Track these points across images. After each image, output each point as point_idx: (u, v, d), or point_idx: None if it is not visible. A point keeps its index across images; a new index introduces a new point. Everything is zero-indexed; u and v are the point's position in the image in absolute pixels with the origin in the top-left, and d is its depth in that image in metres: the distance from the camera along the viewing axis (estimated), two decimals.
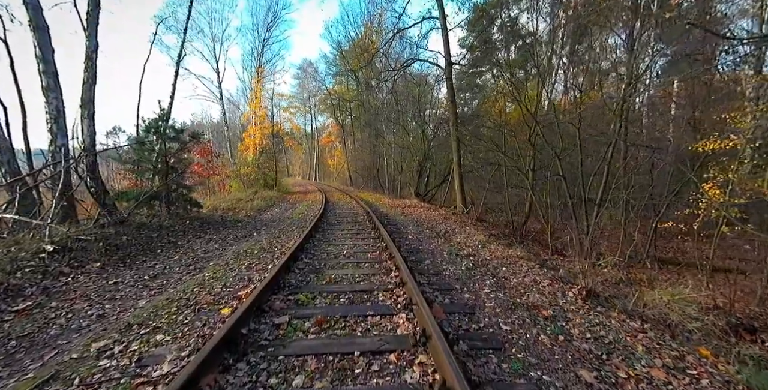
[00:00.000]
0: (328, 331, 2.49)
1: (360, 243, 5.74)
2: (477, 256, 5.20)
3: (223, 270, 4.02)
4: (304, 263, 4.36)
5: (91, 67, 7.64)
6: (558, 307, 3.23)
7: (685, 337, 3.12)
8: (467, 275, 4.04)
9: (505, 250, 5.97)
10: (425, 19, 12.21)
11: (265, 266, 4.19)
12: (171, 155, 7.56)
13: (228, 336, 2.22)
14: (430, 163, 17.73)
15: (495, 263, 4.84)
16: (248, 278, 3.68)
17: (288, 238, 6.24)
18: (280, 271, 3.72)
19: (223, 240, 6.13)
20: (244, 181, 17.79)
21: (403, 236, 6.58)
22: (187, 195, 7.91)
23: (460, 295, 3.30)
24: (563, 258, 7.08)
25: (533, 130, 8.74)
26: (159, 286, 3.50)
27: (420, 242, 6.07)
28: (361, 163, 27.27)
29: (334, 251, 5.10)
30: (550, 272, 4.57)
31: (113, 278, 3.61)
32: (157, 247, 5.12)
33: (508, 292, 3.54)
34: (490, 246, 6.29)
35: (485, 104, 13.13)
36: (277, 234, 6.70)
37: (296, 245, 5.02)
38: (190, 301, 3.00)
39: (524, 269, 4.64)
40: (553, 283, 4.01)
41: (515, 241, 7.72)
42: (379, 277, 3.84)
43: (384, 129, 21.67)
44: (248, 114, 22.30)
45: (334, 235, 6.48)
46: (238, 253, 4.94)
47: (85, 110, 7.59)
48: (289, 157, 56.77)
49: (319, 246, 5.49)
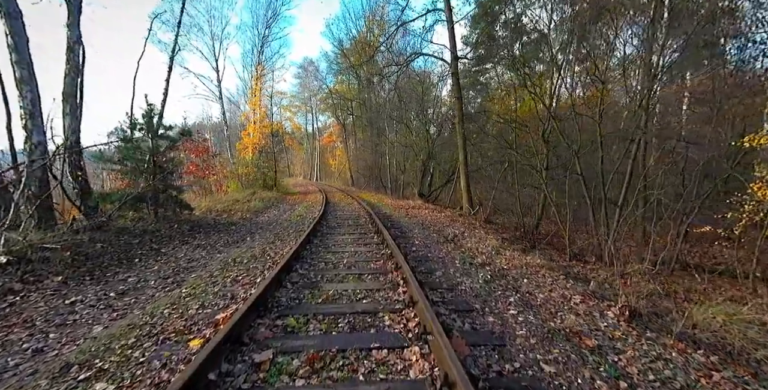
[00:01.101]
0: (321, 373, 1.94)
1: (362, 249, 5.20)
2: (493, 265, 4.65)
3: (204, 284, 3.48)
4: (298, 275, 3.82)
5: (73, 58, 7.15)
6: (601, 333, 2.68)
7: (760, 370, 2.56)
8: (486, 290, 3.49)
9: (522, 257, 5.41)
10: (430, 12, 11.66)
11: (253, 280, 3.65)
12: (159, 154, 7.03)
13: (188, 386, 1.68)
14: (434, 162, 17.17)
15: (514, 274, 4.28)
16: (231, 295, 3.14)
17: (283, 244, 5.70)
18: (269, 286, 3.18)
19: (212, 246, 5.60)
20: (243, 182, 17.27)
21: (409, 241, 6.03)
22: (176, 197, 7.39)
23: (482, 319, 2.75)
24: (583, 265, 6.51)
25: (547, 126, 8.17)
26: (125, 306, 2.96)
27: (428, 248, 5.52)
28: (363, 163, 26.73)
29: (333, 260, 4.56)
30: (579, 284, 4.01)
31: (73, 296, 3.08)
32: (135, 256, 4.59)
33: (538, 312, 2.98)
34: (505, 252, 5.74)
35: (492, 100, 12.57)
36: (272, 239, 6.17)
37: (291, 253, 4.48)
38: (155, 327, 2.46)
39: (548, 281, 4.08)
40: (585, 299, 3.45)
41: (529, 246, 7.15)
42: (384, 293, 3.29)
43: (386, 127, 21.12)
44: (247, 113, 21.79)
45: (333, 241, 5.93)
46: (226, 263, 4.41)
47: (67, 105, 7.09)
48: (290, 157, 56.35)
49: (317, 253, 4.95)
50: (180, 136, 7.36)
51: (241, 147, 19.77)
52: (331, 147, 43.48)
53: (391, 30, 11.96)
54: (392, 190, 20.78)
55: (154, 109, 6.82)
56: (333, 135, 40.98)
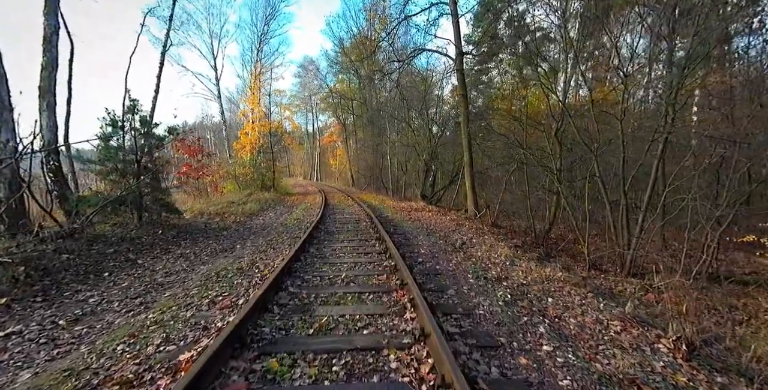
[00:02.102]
0: None
1: (362, 260, 4.66)
2: (510, 280, 4.11)
3: (176, 307, 2.95)
4: (288, 295, 3.28)
5: (50, 50, 6.61)
6: (660, 379, 2.14)
7: None
8: (510, 316, 2.95)
9: (540, 270, 4.87)
10: (434, 5, 11.11)
11: (235, 301, 3.12)
12: (144, 153, 6.51)
13: None
14: (436, 162, 16.62)
15: (536, 291, 3.75)
16: (204, 325, 2.61)
17: (276, 253, 5.17)
18: (252, 311, 2.65)
19: (196, 256, 5.07)
20: (240, 183, 16.74)
21: (414, 250, 5.49)
22: (163, 199, 6.86)
23: (512, 360, 2.21)
24: (604, 275, 5.96)
25: (561, 124, 7.62)
26: (72, 339, 2.43)
27: (435, 258, 4.98)
28: (364, 163, 26.18)
29: (329, 274, 4.03)
30: (612, 305, 3.47)
31: (11, 325, 2.55)
32: (106, 269, 4.06)
33: (577, 348, 2.45)
34: (520, 262, 5.20)
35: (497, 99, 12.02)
36: (264, 247, 5.63)
37: (283, 265, 3.96)
38: (98, 375, 1.93)
39: (576, 300, 3.54)
40: (626, 325, 2.92)
41: (543, 254, 6.61)
42: (388, 320, 2.76)
43: (387, 127, 20.59)
44: (245, 111, 21.25)
45: (331, 249, 5.40)
46: (208, 278, 3.87)
47: (43, 101, 6.56)
48: (290, 157, 55.84)
49: (312, 265, 4.42)
50: (167, 135, 6.82)
51: (239, 147, 19.22)
52: (332, 147, 42.96)
53: (393, 25, 11.40)
54: (393, 191, 20.24)
55: (137, 105, 6.29)
56: (333, 135, 40.46)
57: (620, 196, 6.41)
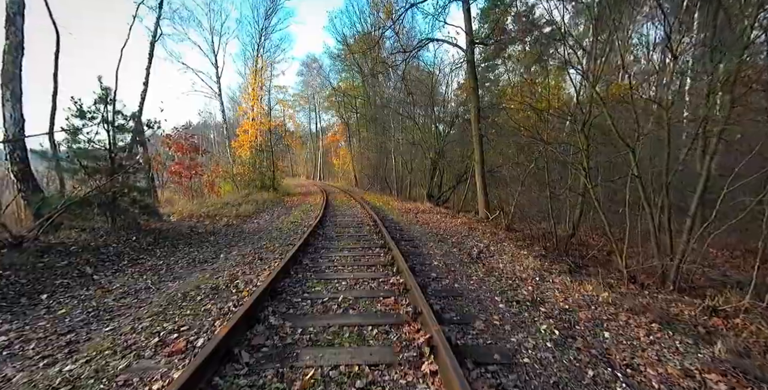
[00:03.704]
0: None
1: (365, 275, 3.87)
2: (548, 304, 3.29)
3: (110, 353, 2.18)
4: (267, 329, 2.50)
5: (14, 33, 5.89)
6: None
7: None
8: (567, 367, 2.13)
9: (578, 286, 4.06)
10: None
11: (194, 341, 2.34)
12: (118, 149, 5.77)
13: None
14: (444, 161, 15.77)
15: (586, 321, 2.93)
16: (135, 387, 1.82)
17: (263, 265, 4.39)
18: (208, 361, 1.87)
19: (169, 268, 4.30)
20: (238, 182, 16.01)
21: (425, 261, 4.68)
22: (141, 201, 6.12)
23: None
24: (644, 290, 5.11)
25: (589, 116, 6.77)
26: None
27: (452, 273, 4.17)
28: (367, 162, 25.38)
29: (323, 295, 3.24)
30: (692, 344, 2.64)
31: None
32: (47, 289, 3.30)
33: None
34: (551, 277, 4.39)
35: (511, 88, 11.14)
36: (251, 257, 4.86)
37: (268, 283, 3.19)
38: None
39: (641, 335, 2.73)
40: (730, 381, 2.10)
41: (572, 264, 5.77)
42: (399, 375, 1.96)
43: (392, 124, 19.77)
44: (245, 107, 20.53)
45: (328, 260, 4.61)
46: (171, 301, 3.10)
47: (7, 90, 5.84)
48: (293, 157, 55.19)
49: (303, 283, 3.63)
50: (147, 128, 6.08)
51: (237, 145, 18.48)
52: (335, 146, 42.23)
53: (400, 12, 10.58)
54: (398, 192, 19.43)
55: (110, 95, 5.54)
56: (336, 134, 39.73)
57: (662, 198, 5.56)
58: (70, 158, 5.52)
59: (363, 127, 28.61)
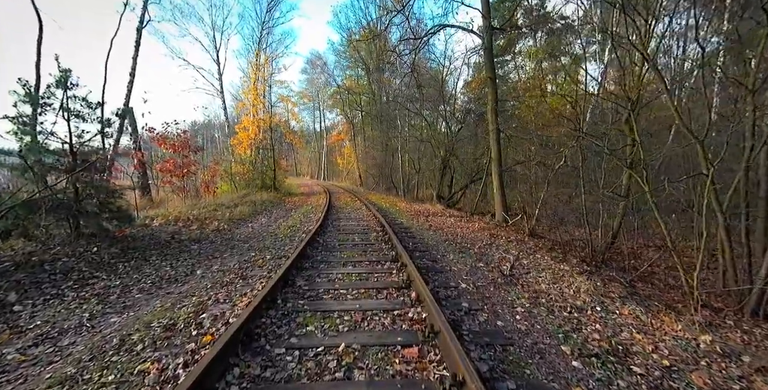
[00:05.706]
0: None
1: (375, 306, 2.90)
2: (636, 357, 2.31)
3: None
4: None
5: None
6: None
7: None
8: None
9: (658, 323, 3.07)
10: None
11: None
12: (81, 143, 4.88)
13: None
14: (455, 159, 14.76)
15: None
16: None
17: (244, 287, 3.45)
18: None
19: (124, 291, 3.38)
20: (236, 182, 15.13)
21: (450, 283, 3.70)
22: (112, 203, 5.22)
23: None
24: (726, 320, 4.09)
25: (636, 106, 5.76)
26: None
27: (489, 302, 3.19)
28: (372, 161, 24.40)
29: (317, 344, 2.28)
30: None
31: None
32: None
33: None
34: (615, 306, 3.39)
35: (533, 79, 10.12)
36: (233, 275, 3.92)
37: (243, 321, 2.27)
38: None
39: None
40: None
41: (625, 282, 4.74)
42: None
43: (399, 121, 18.78)
44: (245, 102, 19.65)
45: (328, 280, 3.66)
46: (97, 353, 2.17)
47: None
48: (297, 156, 54.39)
49: (293, 320, 2.68)
50: (115, 118, 5.17)
51: (236, 142, 17.60)
52: (339, 145, 41.34)
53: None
54: (405, 192, 18.44)
55: (69, 77, 4.64)
56: (341, 133, 38.83)
57: (739, 202, 4.52)
58: (21, 153, 4.62)
59: (368, 125, 27.68)
